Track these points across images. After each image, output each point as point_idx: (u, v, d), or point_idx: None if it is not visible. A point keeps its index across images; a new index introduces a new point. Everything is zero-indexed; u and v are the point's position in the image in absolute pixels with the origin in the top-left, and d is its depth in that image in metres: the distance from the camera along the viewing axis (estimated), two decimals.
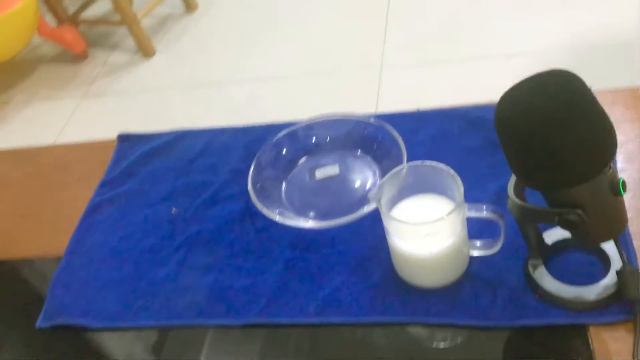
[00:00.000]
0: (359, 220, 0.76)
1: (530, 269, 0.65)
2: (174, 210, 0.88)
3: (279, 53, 2.28)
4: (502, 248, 0.66)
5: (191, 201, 0.88)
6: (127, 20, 2.23)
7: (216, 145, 0.97)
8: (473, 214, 0.63)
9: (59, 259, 0.85)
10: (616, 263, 0.62)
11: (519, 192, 0.60)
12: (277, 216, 0.78)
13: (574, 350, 0.60)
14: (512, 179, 0.60)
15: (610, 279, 0.61)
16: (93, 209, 0.92)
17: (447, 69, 1.97)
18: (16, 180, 1.03)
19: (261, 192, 0.82)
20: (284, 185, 0.86)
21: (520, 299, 0.64)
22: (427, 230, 0.61)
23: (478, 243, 0.68)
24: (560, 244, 0.66)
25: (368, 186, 0.82)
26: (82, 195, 0.94)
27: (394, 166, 0.68)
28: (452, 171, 0.64)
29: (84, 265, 0.84)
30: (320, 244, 0.77)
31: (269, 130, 0.93)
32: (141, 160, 0.98)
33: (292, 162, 0.88)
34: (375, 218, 0.75)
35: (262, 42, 2.34)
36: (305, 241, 0.78)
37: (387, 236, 0.67)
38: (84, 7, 2.55)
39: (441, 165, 0.65)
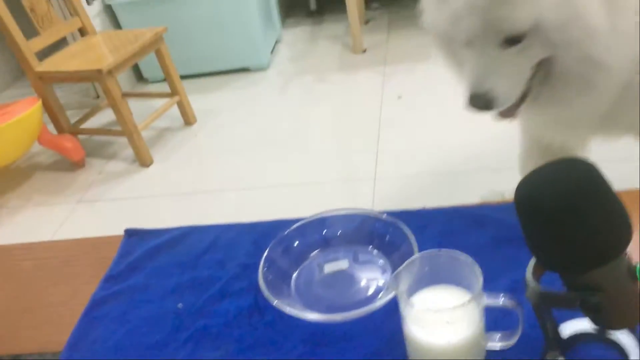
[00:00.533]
0: (371, 315, 0.76)
1: None
2: (180, 305, 0.87)
3: (274, 165, 2.34)
4: (518, 342, 0.66)
5: (198, 296, 0.87)
6: (128, 131, 2.30)
7: (224, 241, 0.98)
8: (491, 302, 0.63)
9: (57, 354, 0.82)
10: (633, 355, 0.62)
11: (536, 279, 0.61)
12: (288, 308, 0.77)
13: None
14: (530, 265, 0.61)
15: None
16: (96, 304, 0.90)
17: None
18: (15, 275, 1.02)
19: (271, 285, 0.81)
20: (293, 278, 0.86)
21: None
22: (448, 317, 0.61)
23: (495, 336, 0.67)
24: (576, 338, 0.66)
25: (379, 281, 0.82)
26: (83, 290, 0.93)
27: (405, 261, 0.69)
28: (470, 259, 0.65)
29: None
30: (332, 339, 0.75)
31: (278, 225, 0.93)
32: (147, 256, 0.98)
33: (301, 256, 0.89)
34: (387, 312, 0.75)
35: (257, 156, 2.42)
36: (316, 336, 0.76)
37: (405, 326, 0.66)
38: (85, 117, 2.63)
39: (458, 254, 0.66)
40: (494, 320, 0.69)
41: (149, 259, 0.97)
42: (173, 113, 2.70)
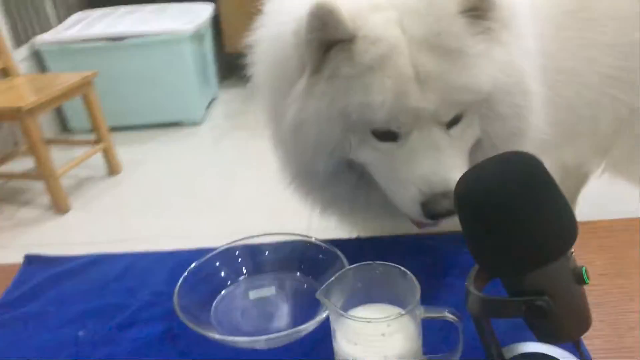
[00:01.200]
0: (300, 341, 0.69)
1: None
2: (81, 333, 0.76)
3: (199, 218, 2.26)
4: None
5: (103, 324, 0.78)
6: (45, 174, 2.16)
7: (136, 269, 0.89)
8: (430, 314, 0.58)
9: None
10: None
11: (478, 289, 0.56)
12: (207, 332, 0.68)
13: None
14: (472, 274, 0.56)
15: None
16: None
17: None
18: None
19: (188, 312, 0.72)
20: (213, 306, 0.78)
21: None
22: (383, 329, 0.55)
23: (434, 357, 0.62)
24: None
25: (308, 308, 0.75)
26: None
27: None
28: (404, 271, 0.60)
29: None
30: None
31: (197, 254, 0.84)
32: (47, 283, 0.88)
33: (223, 284, 0.81)
34: (317, 339, 0.68)
35: (181, 208, 2.33)
36: None
37: (336, 345, 0.60)
38: (4, 158, 2.48)
39: (392, 267, 0.61)
40: (432, 343, 0.64)
41: (49, 287, 0.87)
42: (97, 163, 2.58)
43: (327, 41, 0.74)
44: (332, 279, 0.61)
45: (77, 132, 3.10)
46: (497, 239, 0.50)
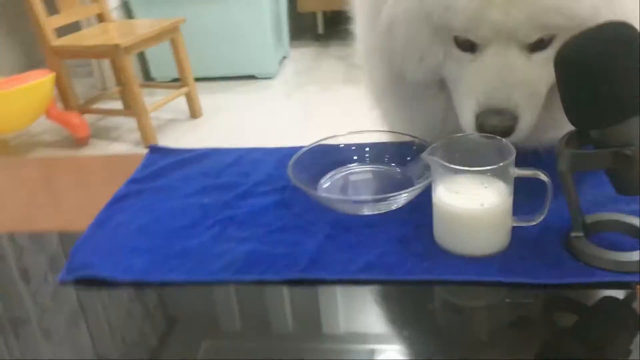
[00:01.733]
0: (396, 210, 0.79)
1: (574, 240, 0.67)
2: (206, 200, 0.88)
3: None
4: (544, 224, 0.69)
5: (223, 195, 0.89)
6: (137, 111, 2.33)
7: (248, 159, 1.01)
8: (524, 172, 0.66)
9: (78, 234, 0.82)
10: None
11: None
12: (322, 194, 0.79)
13: (623, 306, 0.61)
14: (563, 138, 0.65)
15: None
16: (120, 198, 0.91)
17: None
18: (34, 181, 1.03)
19: (300, 182, 0.83)
20: (320, 184, 0.88)
21: (566, 262, 0.66)
22: (485, 179, 0.65)
23: (521, 216, 0.70)
24: (598, 225, 0.70)
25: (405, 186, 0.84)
26: (105, 192, 0.94)
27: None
28: (500, 138, 0.68)
29: (109, 237, 0.81)
30: (360, 226, 0.78)
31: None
32: (171, 166, 1.00)
33: (327, 168, 0.91)
34: (414, 205, 0.78)
35: None
36: (344, 223, 0.78)
37: (436, 198, 0.69)
38: (93, 100, 2.67)
39: (490, 136, 0.70)
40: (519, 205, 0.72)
41: (173, 169, 0.99)
42: (180, 106, 2.75)
43: None
44: (435, 144, 0.70)
45: (159, 82, 3.29)
46: (589, 91, 0.58)
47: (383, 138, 0.96)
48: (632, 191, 0.64)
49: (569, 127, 0.65)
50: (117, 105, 2.57)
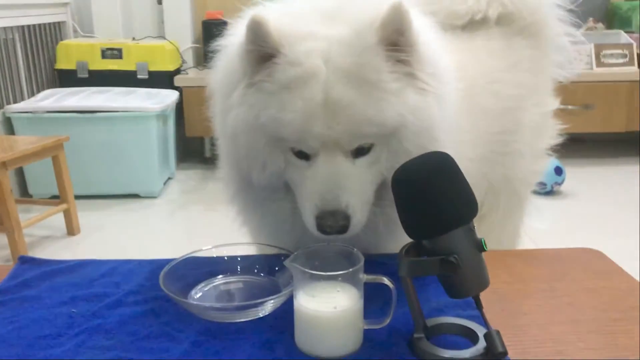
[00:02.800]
0: (262, 318, 0.84)
1: (416, 341, 0.75)
2: (74, 310, 0.88)
3: None
4: (393, 326, 0.77)
5: (92, 305, 0.89)
6: (10, 227, 2.24)
7: (122, 269, 1.02)
8: (372, 277, 0.75)
9: None
10: (481, 333, 0.75)
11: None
12: (191, 302, 0.83)
13: None
14: (403, 248, 0.75)
15: (480, 342, 0.74)
16: None
17: None
18: None
19: (170, 292, 0.87)
20: (191, 295, 0.91)
21: None
22: (338, 284, 0.73)
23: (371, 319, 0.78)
24: (438, 328, 0.79)
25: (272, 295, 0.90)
26: None
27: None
28: (351, 247, 0.77)
29: None
30: (228, 332, 0.81)
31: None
32: (41, 276, 0.99)
33: (198, 279, 0.95)
34: (280, 313, 0.84)
35: None
36: (212, 330, 0.82)
37: (296, 303, 0.75)
38: None
39: (344, 245, 0.79)
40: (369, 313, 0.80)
41: (42, 279, 0.98)
42: (57, 224, 2.67)
43: (262, 53, 0.83)
44: (296, 252, 0.78)
45: (36, 198, 3.18)
46: (417, 208, 0.70)
47: (254, 250, 1.03)
48: (460, 294, 0.74)
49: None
50: None
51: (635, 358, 0.74)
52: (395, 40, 0.83)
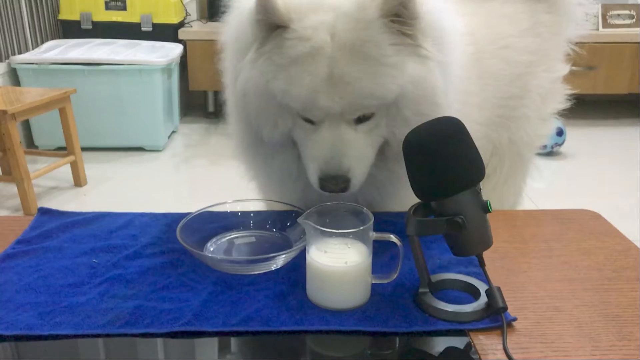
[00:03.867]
0: (277, 270, 0.89)
1: (421, 295, 0.80)
2: (95, 260, 0.93)
3: None
4: (399, 281, 0.82)
5: (112, 256, 0.94)
6: (19, 176, 2.28)
7: (136, 223, 1.06)
8: (380, 235, 0.79)
9: None
10: (483, 289, 0.79)
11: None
12: (207, 254, 0.87)
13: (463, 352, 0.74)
14: (411, 208, 0.78)
15: (482, 298, 0.78)
16: (6, 257, 0.93)
17: None
18: None
19: (186, 244, 0.91)
20: (206, 247, 0.96)
21: (414, 314, 0.78)
22: (348, 240, 0.77)
23: (379, 274, 0.83)
24: (442, 283, 0.83)
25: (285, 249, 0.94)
26: None
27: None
28: (361, 207, 0.81)
29: None
30: (242, 284, 0.86)
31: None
32: (60, 228, 1.03)
33: (213, 233, 0.99)
34: (292, 266, 0.88)
35: None
36: (227, 282, 0.86)
37: (308, 257, 0.80)
38: None
39: (354, 204, 0.82)
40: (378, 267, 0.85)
41: (62, 230, 1.02)
42: (64, 175, 2.71)
43: (271, 23, 0.87)
44: (309, 210, 0.82)
45: (42, 149, 3.21)
46: (428, 170, 0.73)
47: (266, 206, 1.07)
48: (465, 253, 0.78)
49: (405, 179, 0.79)
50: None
51: (627, 316, 0.79)
52: (398, 12, 0.86)
